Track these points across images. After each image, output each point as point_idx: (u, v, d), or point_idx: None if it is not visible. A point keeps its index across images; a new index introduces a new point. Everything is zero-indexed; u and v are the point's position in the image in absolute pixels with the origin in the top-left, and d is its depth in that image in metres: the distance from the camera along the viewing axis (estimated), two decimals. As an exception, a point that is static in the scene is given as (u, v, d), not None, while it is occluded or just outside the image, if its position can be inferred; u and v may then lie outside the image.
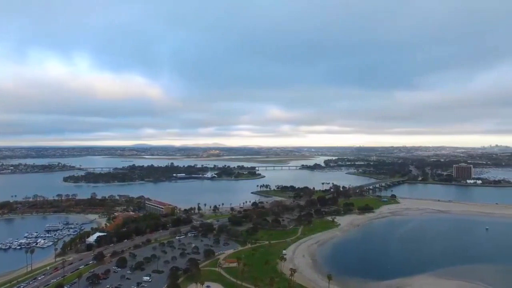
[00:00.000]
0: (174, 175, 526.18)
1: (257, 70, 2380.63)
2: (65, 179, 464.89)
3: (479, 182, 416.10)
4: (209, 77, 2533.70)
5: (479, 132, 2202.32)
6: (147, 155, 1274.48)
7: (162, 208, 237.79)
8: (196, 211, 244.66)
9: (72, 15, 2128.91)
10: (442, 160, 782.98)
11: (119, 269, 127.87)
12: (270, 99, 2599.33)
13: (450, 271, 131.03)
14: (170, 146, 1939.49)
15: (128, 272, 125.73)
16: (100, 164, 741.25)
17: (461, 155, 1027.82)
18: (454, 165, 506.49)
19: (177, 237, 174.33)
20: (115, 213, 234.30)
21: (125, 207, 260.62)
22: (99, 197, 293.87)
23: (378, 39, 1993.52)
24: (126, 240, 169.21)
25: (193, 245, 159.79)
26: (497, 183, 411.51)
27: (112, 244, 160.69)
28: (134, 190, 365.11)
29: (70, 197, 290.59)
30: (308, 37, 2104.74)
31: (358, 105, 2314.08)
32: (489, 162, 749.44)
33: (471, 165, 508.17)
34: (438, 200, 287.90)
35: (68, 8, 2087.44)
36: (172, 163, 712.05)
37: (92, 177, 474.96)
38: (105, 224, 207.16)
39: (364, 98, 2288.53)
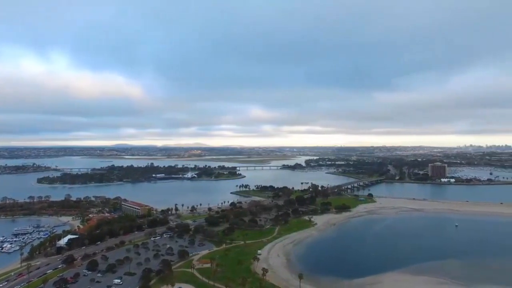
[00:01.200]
0: (154, 175, 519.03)
1: (239, 70, 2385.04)
2: (39, 181, 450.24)
3: (452, 180, 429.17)
4: (191, 76, 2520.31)
5: (455, 133, 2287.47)
6: (127, 155, 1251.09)
7: (139, 209, 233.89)
8: (174, 211, 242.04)
9: (48, 12, 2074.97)
10: (419, 159, 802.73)
11: (89, 273, 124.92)
12: (253, 99, 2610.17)
13: (419, 268, 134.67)
14: (151, 146, 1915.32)
15: (99, 275, 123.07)
16: (78, 164, 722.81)
17: (438, 154, 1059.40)
18: (429, 165, 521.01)
19: (152, 238, 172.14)
20: (89, 215, 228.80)
21: (100, 209, 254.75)
22: (74, 198, 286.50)
23: (358, 41, 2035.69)
24: (99, 243, 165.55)
25: (168, 246, 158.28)
26: (468, 181, 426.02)
27: (84, 247, 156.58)
28: (112, 191, 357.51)
29: (43, 199, 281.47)
30: (290, 39, 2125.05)
31: (340, 106, 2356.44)
32: (463, 161, 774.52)
33: (446, 165, 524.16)
34: (413, 198, 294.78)
35: (44, 4, 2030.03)
36: (152, 163, 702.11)
37: (68, 178, 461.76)
38: (78, 226, 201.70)
39: (345, 98, 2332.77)
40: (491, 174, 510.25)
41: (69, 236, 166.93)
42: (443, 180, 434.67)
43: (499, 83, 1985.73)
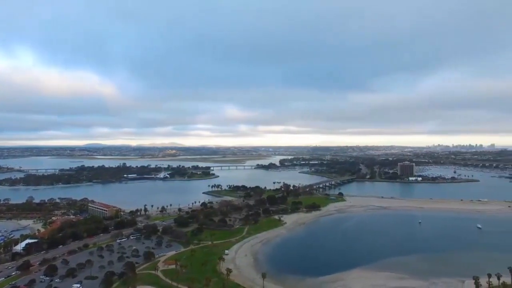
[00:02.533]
0: (125, 175, 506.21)
1: (214, 70, 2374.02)
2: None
3: (419, 179, 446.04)
4: (165, 76, 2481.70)
5: (425, 133, 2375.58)
6: (99, 155, 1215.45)
7: (106, 211, 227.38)
8: (143, 212, 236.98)
9: (13, 5, 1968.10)
10: (390, 158, 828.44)
11: (47, 278, 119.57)
12: (228, 99, 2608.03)
13: (382, 264, 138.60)
14: (125, 146, 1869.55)
15: (57, 280, 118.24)
16: (45, 165, 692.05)
17: (408, 154, 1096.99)
18: (399, 164, 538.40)
19: (118, 241, 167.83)
20: (53, 218, 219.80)
21: (65, 211, 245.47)
22: (37, 200, 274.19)
23: (333, 44, 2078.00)
24: (61, 246, 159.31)
25: (134, 248, 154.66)
26: (434, 179, 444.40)
27: (43, 252, 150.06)
28: (80, 192, 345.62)
29: (1, 202, 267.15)
30: (265, 39, 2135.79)
31: (315, 106, 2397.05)
32: (430, 161, 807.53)
33: (414, 164, 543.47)
34: (382, 197, 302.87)
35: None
36: (124, 164, 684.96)
37: (33, 180, 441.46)
38: (38, 230, 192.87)
39: (320, 99, 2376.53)
40: (455, 172, 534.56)
41: (27, 241, 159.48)
42: (411, 178, 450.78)
43: (465, 86, 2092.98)
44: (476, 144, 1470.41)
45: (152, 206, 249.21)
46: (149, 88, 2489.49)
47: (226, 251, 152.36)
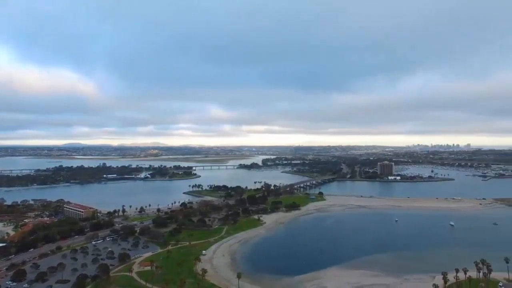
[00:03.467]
0: (105, 176, 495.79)
1: (196, 69, 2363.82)
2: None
3: (398, 178, 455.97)
4: (147, 75, 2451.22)
5: (405, 133, 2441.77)
6: (78, 155, 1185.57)
7: (82, 212, 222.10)
8: (121, 213, 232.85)
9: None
10: (371, 158, 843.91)
11: (14, 284, 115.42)
12: (211, 98, 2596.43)
13: (358, 262, 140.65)
14: (106, 145, 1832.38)
15: (26, 285, 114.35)
16: (21, 165, 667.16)
17: (389, 153, 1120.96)
18: (378, 163, 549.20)
19: (93, 242, 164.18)
20: (25, 220, 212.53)
21: (39, 213, 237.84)
22: (9, 202, 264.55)
23: (315, 44, 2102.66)
24: (32, 250, 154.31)
25: (109, 249, 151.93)
26: (412, 178, 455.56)
27: (12, 256, 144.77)
28: (56, 193, 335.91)
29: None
30: (246, 39, 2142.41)
31: (297, 106, 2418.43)
32: (409, 160, 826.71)
33: (393, 163, 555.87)
34: (361, 196, 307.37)
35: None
36: (104, 164, 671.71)
37: (6, 181, 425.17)
38: (7, 233, 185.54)
39: (303, 99, 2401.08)
40: (432, 171, 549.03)
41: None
42: (390, 177, 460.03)
43: (442, 88, 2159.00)
44: (453, 144, 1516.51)
45: (130, 206, 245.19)
46: (131, 87, 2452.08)
47: (204, 252, 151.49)
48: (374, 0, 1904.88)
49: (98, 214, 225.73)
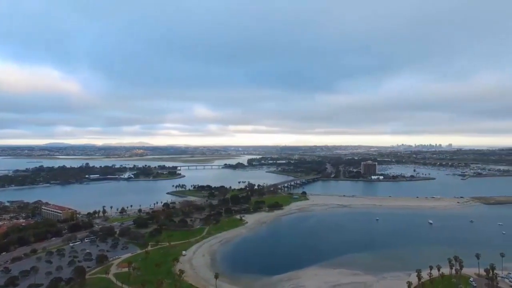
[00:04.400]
0: (87, 176, 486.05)
1: (181, 69, 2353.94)
2: None
3: (381, 177, 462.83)
4: (132, 74, 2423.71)
5: (389, 133, 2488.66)
6: (61, 155, 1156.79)
7: (60, 213, 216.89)
8: (101, 214, 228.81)
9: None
10: (356, 158, 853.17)
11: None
12: (197, 98, 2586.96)
13: (338, 261, 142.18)
14: (90, 145, 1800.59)
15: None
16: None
17: (373, 153, 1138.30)
18: (362, 163, 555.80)
19: (70, 244, 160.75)
20: None
21: (15, 215, 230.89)
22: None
23: (300, 45, 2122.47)
24: (4, 253, 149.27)
25: (87, 251, 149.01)
26: (394, 178, 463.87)
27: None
28: (35, 194, 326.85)
29: None
30: (234, 39, 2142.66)
31: (283, 106, 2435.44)
32: (393, 160, 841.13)
33: (376, 163, 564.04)
34: (344, 195, 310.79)
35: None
36: (87, 164, 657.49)
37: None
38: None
39: (289, 99, 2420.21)
40: (414, 171, 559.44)
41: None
42: (373, 177, 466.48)
43: (424, 89, 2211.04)
44: (436, 144, 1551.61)
45: (111, 207, 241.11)
46: (116, 86, 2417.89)
47: (184, 252, 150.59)
48: (358, 3, 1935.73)
49: (78, 215, 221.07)
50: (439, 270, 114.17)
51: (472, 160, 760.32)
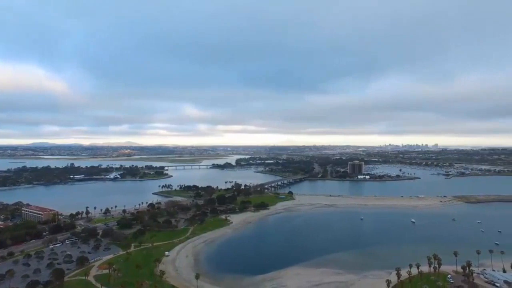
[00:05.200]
0: (72, 176, 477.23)
1: (170, 68, 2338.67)
2: None
3: (367, 177, 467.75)
4: (120, 73, 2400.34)
5: (377, 133, 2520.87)
6: (46, 155, 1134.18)
7: (42, 215, 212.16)
8: (84, 215, 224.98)
9: None
10: (344, 158, 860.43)
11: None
12: (186, 98, 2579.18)
13: (321, 260, 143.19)
14: (76, 145, 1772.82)
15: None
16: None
17: (361, 153, 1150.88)
18: (349, 163, 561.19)
19: (50, 246, 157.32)
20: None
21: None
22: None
23: (290, 46, 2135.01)
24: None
25: (67, 253, 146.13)
26: (381, 177, 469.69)
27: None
28: (16, 195, 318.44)
29: None
30: (223, 40, 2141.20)
31: (273, 106, 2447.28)
32: (380, 160, 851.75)
33: (363, 163, 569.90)
34: (330, 195, 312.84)
35: None
36: (72, 164, 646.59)
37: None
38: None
39: (278, 99, 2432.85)
40: (400, 170, 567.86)
41: None
42: (360, 177, 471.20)
43: (413, 90, 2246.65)
44: (422, 144, 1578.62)
45: (95, 208, 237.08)
46: (104, 86, 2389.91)
47: (167, 253, 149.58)
48: (347, 5, 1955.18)
49: (60, 216, 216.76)
50: (418, 268, 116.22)
51: (456, 160, 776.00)
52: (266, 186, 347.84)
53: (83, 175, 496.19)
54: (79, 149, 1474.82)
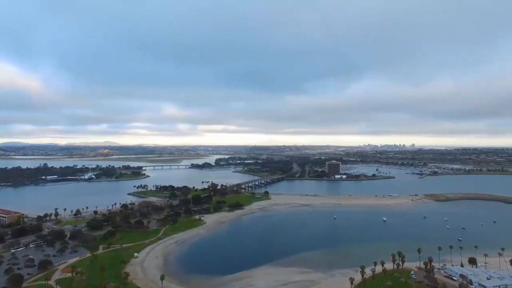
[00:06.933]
0: (43, 177, 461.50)
1: (149, 68, 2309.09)
2: None
3: (344, 176, 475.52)
4: (97, 72, 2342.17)
5: (357, 133, 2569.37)
6: (18, 155, 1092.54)
7: (5, 217, 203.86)
8: (53, 217, 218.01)
9: None
10: (323, 157, 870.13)
11: None
12: (166, 97, 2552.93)
13: (291, 259, 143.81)
14: (52, 144, 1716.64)
15: None
16: None
17: (341, 153, 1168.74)
18: (326, 163, 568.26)
19: (12, 250, 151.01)
20: None
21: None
22: None
23: (268, 47, 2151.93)
24: None
25: (30, 257, 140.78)
26: (357, 177, 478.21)
27: None
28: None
29: None
30: (203, 39, 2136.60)
31: (253, 106, 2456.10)
32: (358, 159, 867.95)
33: (340, 162, 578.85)
34: (306, 194, 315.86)
35: None
36: (45, 164, 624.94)
37: None
38: None
39: (258, 100, 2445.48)
40: (377, 170, 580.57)
41: None
42: (337, 176, 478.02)
43: (389, 91, 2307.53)
44: (400, 144, 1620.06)
45: (65, 209, 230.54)
46: (81, 84, 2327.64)
47: (136, 254, 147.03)
48: (324, 8, 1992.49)
49: (26, 218, 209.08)
50: (383, 266, 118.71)
51: (430, 160, 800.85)
52: (243, 186, 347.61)
53: (56, 176, 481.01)
54: (54, 149, 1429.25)
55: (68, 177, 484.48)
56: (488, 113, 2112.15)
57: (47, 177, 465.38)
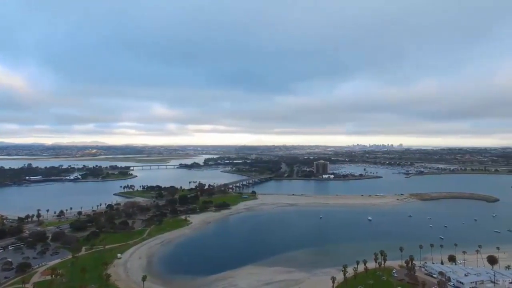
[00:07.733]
0: (27, 177, 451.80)
1: (137, 67, 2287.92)
2: None
3: (331, 176, 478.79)
4: (83, 71, 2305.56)
5: (346, 133, 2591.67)
6: (1, 155, 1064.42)
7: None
8: (35, 218, 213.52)
9: None
10: (311, 157, 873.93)
11: None
12: (155, 97, 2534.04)
13: (276, 259, 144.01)
14: (37, 144, 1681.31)
15: None
16: None
17: (330, 153, 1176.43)
18: (314, 162, 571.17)
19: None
20: None
21: None
22: None
23: (258, 47, 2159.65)
24: None
25: (7, 260, 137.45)
26: (345, 177, 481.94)
27: None
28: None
29: None
30: (192, 38, 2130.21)
31: (242, 106, 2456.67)
32: (347, 159, 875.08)
33: (328, 162, 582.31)
34: (293, 194, 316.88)
35: None
36: (29, 164, 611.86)
37: None
38: None
39: (247, 100, 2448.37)
40: (364, 170, 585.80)
41: None
42: (324, 176, 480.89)
43: (377, 92, 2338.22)
44: (388, 144, 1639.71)
45: (47, 210, 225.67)
46: (66, 83, 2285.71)
47: (119, 255, 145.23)
48: (314, 8, 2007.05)
49: (6, 220, 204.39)
50: (365, 264, 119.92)
51: (417, 160, 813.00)
52: (231, 186, 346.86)
53: (40, 176, 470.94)
54: (40, 148, 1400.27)
55: (53, 178, 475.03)
56: (473, 114, 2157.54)
57: (31, 177, 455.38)
